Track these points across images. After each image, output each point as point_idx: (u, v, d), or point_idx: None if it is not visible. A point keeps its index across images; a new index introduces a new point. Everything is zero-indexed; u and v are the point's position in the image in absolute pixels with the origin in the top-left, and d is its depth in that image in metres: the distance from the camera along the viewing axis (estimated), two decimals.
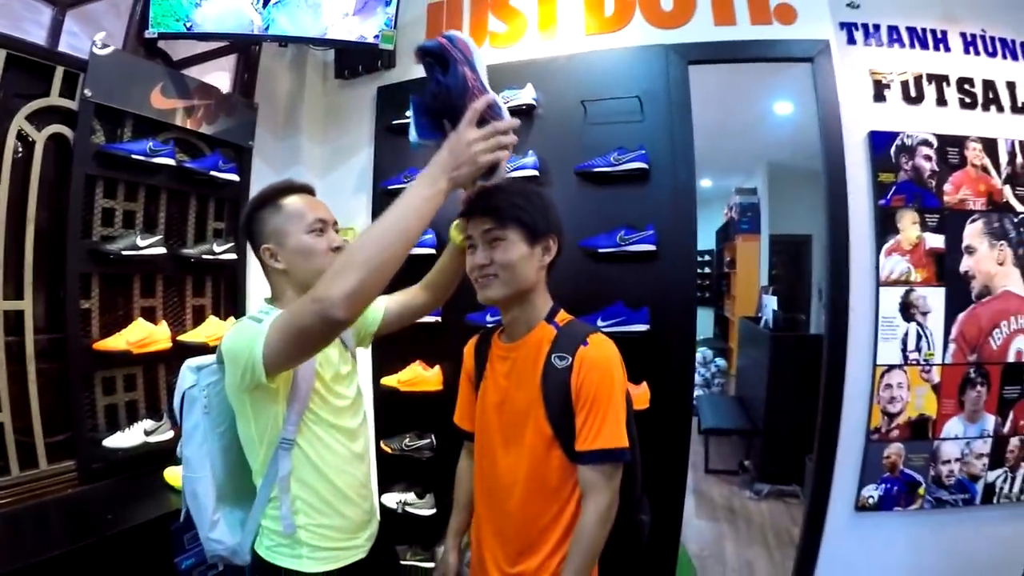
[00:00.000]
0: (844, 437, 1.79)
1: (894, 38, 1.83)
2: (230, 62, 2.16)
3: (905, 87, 1.80)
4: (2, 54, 1.43)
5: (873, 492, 1.79)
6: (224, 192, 2.01)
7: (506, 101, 1.78)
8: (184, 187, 1.89)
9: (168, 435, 1.73)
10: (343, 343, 1.11)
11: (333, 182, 2.29)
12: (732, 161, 5.17)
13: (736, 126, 3.89)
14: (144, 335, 1.68)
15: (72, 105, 1.59)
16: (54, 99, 1.56)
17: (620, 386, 0.99)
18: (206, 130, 1.92)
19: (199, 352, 1.71)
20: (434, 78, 0.86)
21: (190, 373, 1.04)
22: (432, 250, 1.90)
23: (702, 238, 1.90)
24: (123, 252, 1.65)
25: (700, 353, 5.06)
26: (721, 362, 5.32)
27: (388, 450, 2.00)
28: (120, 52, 1.71)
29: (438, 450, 1.98)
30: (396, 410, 2.03)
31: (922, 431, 1.78)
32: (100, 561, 1.31)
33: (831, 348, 1.79)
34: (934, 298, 1.77)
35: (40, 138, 1.54)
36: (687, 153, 1.79)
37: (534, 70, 1.95)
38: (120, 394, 1.74)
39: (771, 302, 3.77)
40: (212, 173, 1.89)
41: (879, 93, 1.80)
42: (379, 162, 2.19)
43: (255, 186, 2.09)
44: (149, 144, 1.70)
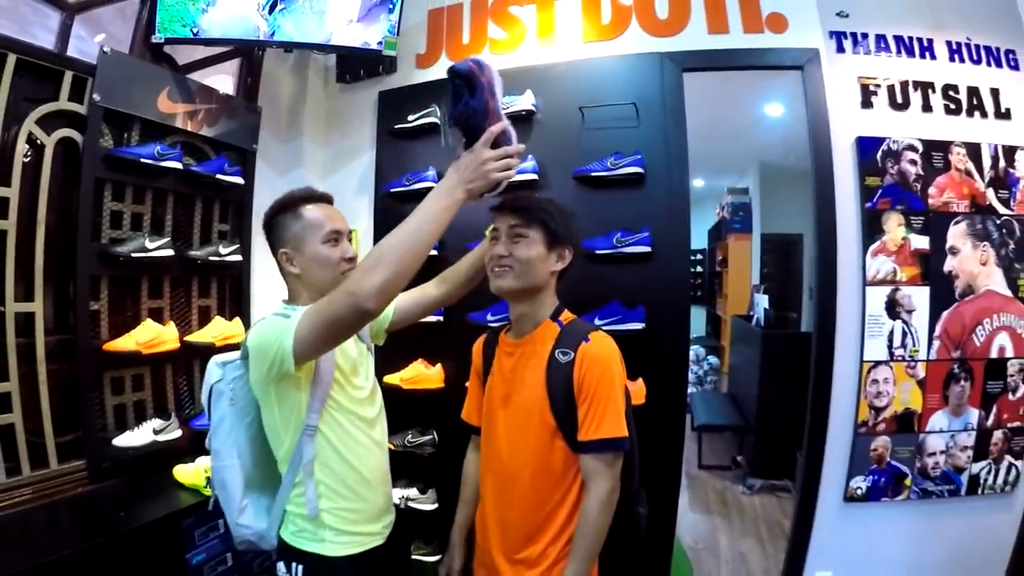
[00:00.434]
0: (833, 431, 1.84)
1: (882, 46, 1.87)
2: (233, 66, 2.18)
3: (892, 94, 1.85)
4: (12, 59, 1.45)
5: (861, 484, 1.85)
6: (229, 195, 2.04)
7: (506, 107, 1.82)
8: (190, 190, 1.91)
9: (177, 434, 1.76)
10: (359, 337, 1.16)
11: (335, 185, 2.31)
12: (724, 161, 5.20)
13: (729, 128, 3.91)
14: (153, 335, 1.71)
15: (81, 109, 1.61)
16: (63, 103, 1.58)
17: (620, 380, 1.04)
18: (210, 133, 1.94)
19: (206, 352, 1.76)
20: (463, 99, 0.97)
21: (216, 368, 1.09)
22: (434, 251, 1.94)
23: (694, 237, 1.95)
24: (132, 254, 1.67)
25: (693, 351, 5.12)
26: (714, 360, 5.38)
27: (391, 446, 2.02)
28: (128, 56, 1.73)
29: (440, 446, 2.02)
30: (398, 407, 2.00)
31: (908, 425, 1.84)
32: (112, 559, 1.33)
33: (819, 345, 1.84)
34: (919, 297, 1.82)
35: (50, 142, 1.56)
36: (681, 158, 1.84)
37: (533, 76, 1.99)
38: (128, 394, 1.76)
39: (763, 300, 3.82)
40: (218, 176, 1.91)
41: (867, 100, 1.84)
42: (380, 165, 2.23)
43: (259, 189, 2.12)
44: (157, 148, 1.73)
